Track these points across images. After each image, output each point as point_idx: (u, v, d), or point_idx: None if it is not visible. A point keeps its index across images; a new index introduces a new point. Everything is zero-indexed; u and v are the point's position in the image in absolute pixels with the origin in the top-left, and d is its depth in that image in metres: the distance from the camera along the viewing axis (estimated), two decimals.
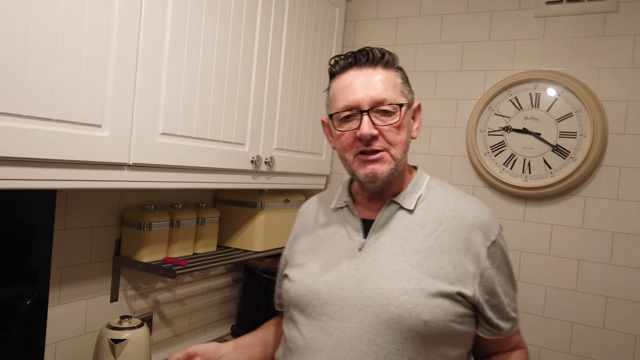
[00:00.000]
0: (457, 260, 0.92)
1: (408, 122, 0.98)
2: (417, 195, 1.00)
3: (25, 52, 0.90)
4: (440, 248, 0.93)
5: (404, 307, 0.88)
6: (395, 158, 0.94)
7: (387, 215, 0.99)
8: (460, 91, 1.95)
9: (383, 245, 0.96)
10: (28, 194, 1.27)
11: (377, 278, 0.92)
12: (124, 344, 1.34)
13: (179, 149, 1.27)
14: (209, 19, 1.32)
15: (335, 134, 1.00)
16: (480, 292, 0.93)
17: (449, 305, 0.90)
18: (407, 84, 1.00)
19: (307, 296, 0.97)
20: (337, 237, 1.02)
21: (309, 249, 1.05)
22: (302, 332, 0.97)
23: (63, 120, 0.98)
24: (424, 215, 0.98)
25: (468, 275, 0.92)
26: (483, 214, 0.98)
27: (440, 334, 0.89)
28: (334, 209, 1.07)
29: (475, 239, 0.94)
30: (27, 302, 1.29)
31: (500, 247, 0.97)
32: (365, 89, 0.93)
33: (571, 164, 1.72)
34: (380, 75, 0.95)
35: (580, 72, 1.75)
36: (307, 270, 1.01)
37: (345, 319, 0.92)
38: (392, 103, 0.93)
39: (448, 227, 0.95)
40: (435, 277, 0.91)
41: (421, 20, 2.03)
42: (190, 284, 1.83)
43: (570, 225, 1.76)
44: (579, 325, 1.73)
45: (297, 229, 1.15)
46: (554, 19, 1.80)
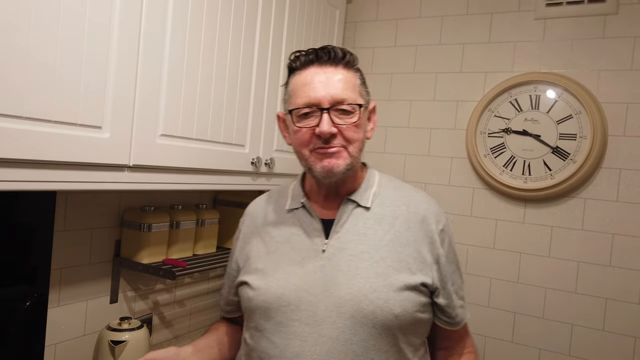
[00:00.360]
0: (416, 252, 0.97)
1: (364, 123, 1.00)
2: (371, 192, 1.03)
3: (25, 54, 0.90)
4: (400, 242, 0.97)
5: (376, 304, 0.90)
6: (352, 155, 0.96)
7: (346, 214, 1.00)
8: (460, 93, 1.95)
9: (346, 244, 0.97)
10: (28, 195, 1.26)
11: (344, 278, 0.93)
12: (123, 346, 1.34)
13: (179, 150, 1.27)
14: (209, 21, 1.32)
15: (292, 129, 0.99)
16: (437, 280, 0.98)
17: (415, 296, 0.94)
18: (365, 85, 1.02)
19: (275, 303, 0.95)
20: (296, 240, 1.00)
21: (267, 252, 1.02)
22: (273, 341, 0.95)
23: (63, 122, 0.98)
24: (380, 211, 1.01)
25: (427, 264, 0.97)
26: (433, 205, 1.05)
27: (408, 324, 0.93)
28: (288, 210, 1.05)
29: (429, 228, 1.00)
30: (27, 303, 1.29)
31: (448, 235, 1.03)
32: (327, 87, 0.94)
33: (571, 166, 1.72)
34: (341, 75, 0.96)
35: (580, 74, 1.75)
36: (271, 276, 0.98)
37: (319, 322, 0.92)
38: (351, 103, 0.94)
39: (404, 221, 0.99)
40: (400, 271, 0.94)
41: (421, 22, 2.03)
42: (190, 285, 1.83)
43: (570, 227, 1.76)
44: (578, 327, 1.73)
45: (246, 230, 1.12)
46: (553, 21, 1.80)
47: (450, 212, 1.95)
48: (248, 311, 1.01)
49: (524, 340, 1.82)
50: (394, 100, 2.08)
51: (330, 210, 1.02)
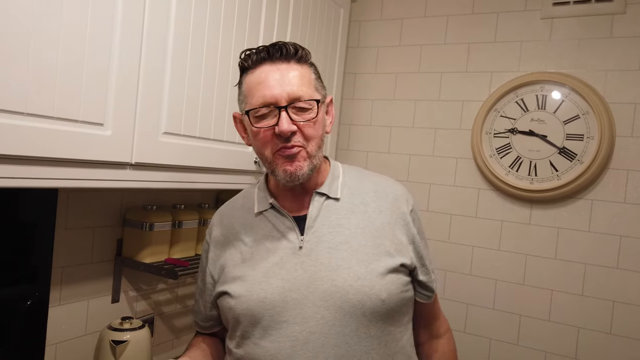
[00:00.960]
0: (391, 234, 0.98)
1: (323, 118, 0.99)
2: (338, 183, 1.03)
3: (26, 50, 0.89)
4: (374, 227, 0.98)
5: (362, 292, 0.91)
6: (311, 155, 0.95)
7: (317, 208, 0.99)
8: (466, 93, 1.94)
9: (322, 237, 0.96)
10: (29, 192, 1.25)
11: (326, 271, 0.93)
12: (124, 346, 1.33)
13: (181, 148, 1.26)
14: (212, 17, 1.31)
15: (251, 130, 0.96)
16: (415, 259, 1.00)
17: (396, 278, 0.95)
18: (320, 79, 1.01)
19: (259, 307, 0.93)
20: (271, 241, 0.98)
21: (242, 259, 0.99)
22: (263, 346, 0.92)
23: (65, 119, 0.97)
24: (350, 199, 1.01)
25: (403, 245, 0.99)
26: (399, 187, 1.07)
27: (395, 306, 0.94)
28: (257, 213, 1.03)
29: (400, 210, 1.01)
30: (28, 302, 1.28)
31: (417, 214, 1.06)
32: (282, 84, 0.92)
33: (578, 167, 1.70)
34: (295, 71, 0.94)
35: (588, 74, 1.73)
36: (250, 281, 0.95)
37: (307, 320, 0.91)
38: (308, 99, 0.93)
39: (375, 207, 1.01)
40: (379, 255, 0.95)
41: (426, 21, 2.02)
42: (191, 285, 1.81)
43: (576, 229, 1.74)
44: (585, 330, 1.71)
45: (216, 241, 1.07)
46: (560, 20, 1.78)
47: (455, 212, 1.94)
48: (232, 320, 0.98)
49: (529, 343, 1.79)
50: (399, 100, 2.07)
51: (300, 207, 1.01)
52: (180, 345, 1.78)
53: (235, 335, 0.98)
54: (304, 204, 1.01)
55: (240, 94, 0.99)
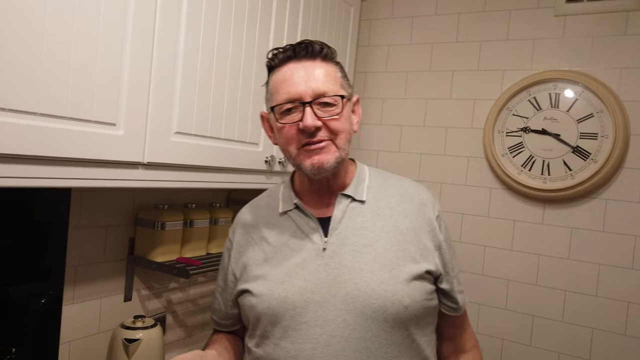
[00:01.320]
0: (417, 239, 0.96)
1: (349, 115, 0.99)
2: (364, 185, 1.02)
3: (39, 50, 0.89)
4: (400, 231, 0.96)
5: (385, 297, 0.89)
6: (339, 147, 0.94)
7: (342, 210, 0.98)
8: (477, 91, 1.92)
9: (346, 240, 0.95)
10: (43, 192, 1.27)
11: (349, 274, 0.92)
12: (137, 344, 1.34)
13: (193, 148, 1.26)
14: (223, 18, 1.31)
15: (276, 127, 0.98)
16: (440, 266, 0.97)
17: (421, 284, 0.93)
18: (346, 78, 1.01)
19: (280, 307, 0.92)
20: (294, 241, 0.98)
21: (265, 258, 0.99)
22: (282, 346, 0.92)
23: (77, 119, 0.98)
24: (376, 203, 1.00)
25: (429, 251, 0.97)
26: (425, 192, 1.05)
27: (419, 313, 0.92)
28: (281, 213, 1.02)
29: (426, 215, 1.00)
30: (42, 300, 1.29)
31: (443, 221, 1.03)
32: (307, 81, 0.93)
33: (592, 166, 1.68)
34: (320, 68, 0.95)
35: (602, 72, 1.71)
36: (272, 280, 0.95)
37: (328, 323, 0.90)
38: (333, 95, 0.93)
39: (401, 211, 0.99)
40: (404, 261, 0.93)
41: (437, 19, 2.00)
42: (203, 284, 1.82)
43: (590, 229, 1.72)
44: (599, 331, 1.69)
45: (239, 240, 1.07)
46: (574, 18, 1.76)
47: (467, 212, 1.92)
48: (253, 319, 0.98)
49: (542, 344, 1.78)
50: (409, 98, 2.06)
51: (324, 208, 1.00)
52: (192, 344, 1.79)
53: (255, 334, 0.98)
54: (329, 206, 1.00)
55: (267, 92, 1.00)
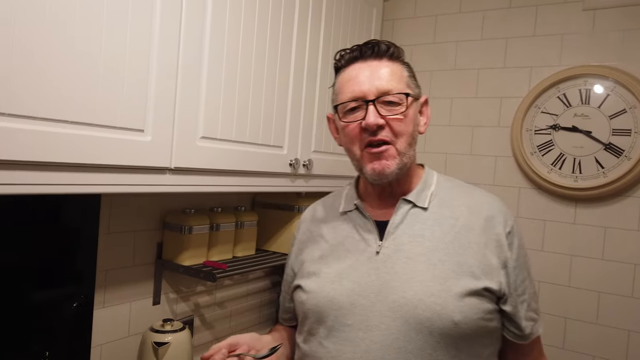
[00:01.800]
0: (480, 254, 0.90)
1: (414, 116, 0.95)
2: (429, 192, 0.98)
3: (68, 60, 0.91)
4: (461, 244, 0.91)
5: (432, 309, 0.85)
6: (400, 152, 0.92)
7: (402, 215, 0.95)
8: (504, 89, 1.88)
9: (401, 246, 0.92)
10: (74, 198, 1.29)
11: (399, 281, 0.89)
12: (166, 347, 1.35)
13: (218, 152, 1.27)
14: (247, 20, 1.32)
15: (340, 126, 0.97)
16: (505, 286, 0.90)
17: (477, 302, 0.87)
18: (414, 78, 0.99)
19: (327, 307, 0.93)
20: (350, 242, 0.97)
21: (320, 256, 1.00)
22: (325, 345, 0.92)
23: (106, 126, 0.99)
24: (439, 211, 0.95)
25: (492, 268, 0.90)
26: (498, 205, 0.97)
27: (472, 333, 0.86)
28: (342, 213, 1.03)
29: (495, 230, 0.93)
30: (74, 304, 1.32)
31: (517, 238, 0.94)
32: (371, 79, 0.92)
33: (625, 163, 1.63)
34: (386, 67, 0.93)
35: (634, 66, 1.65)
36: (323, 279, 0.96)
37: (372, 328, 0.88)
38: (398, 93, 0.91)
39: (465, 223, 0.93)
40: (460, 275, 0.88)
41: (461, 17, 1.97)
42: (229, 287, 1.83)
43: (625, 228, 1.66)
44: (635, 333, 1.63)
45: (301, 237, 1.10)
46: (603, 12, 1.71)
47: None
48: (302, 315, 0.99)
49: (576, 347, 1.73)
50: (434, 98, 2.03)
51: (385, 212, 0.98)
52: None
53: (303, 330, 0.99)
54: (389, 210, 0.97)
55: (333, 93, 1.01)
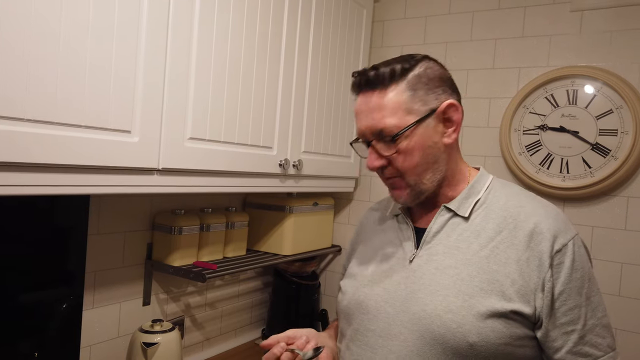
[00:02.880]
0: (517, 273, 0.82)
1: (423, 139, 0.87)
2: (473, 200, 0.91)
3: (55, 61, 0.91)
4: (497, 259, 0.83)
5: (447, 327, 0.81)
6: (410, 184, 0.89)
7: (440, 224, 0.91)
8: (493, 89, 1.90)
9: (434, 256, 0.88)
10: (62, 199, 1.29)
11: (424, 293, 0.85)
12: (155, 348, 1.35)
13: (207, 153, 1.27)
14: (235, 20, 1.32)
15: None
16: (541, 310, 0.81)
17: (502, 326, 0.79)
18: (421, 91, 0.87)
19: (356, 309, 0.93)
20: (389, 247, 0.96)
21: (363, 259, 1.01)
22: (349, 347, 0.93)
23: (94, 127, 0.99)
24: (482, 222, 0.88)
25: (529, 289, 0.81)
26: (550, 218, 0.86)
27: (493, 358, 0.80)
28: (389, 217, 1.02)
29: (539, 247, 0.83)
30: (63, 305, 1.32)
31: (570, 258, 0.82)
32: (366, 119, 0.88)
33: (612, 163, 1.65)
34: (380, 100, 0.86)
35: (621, 67, 1.67)
36: (358, 282, 0.97)
37: (391, 337, 0.86)
38: (390, 133, 0.85)
39: (507, 235, 0.85)
40: (489, 292, 0.81)
41: (451, 18, 1.99)
42: (220, 287, 1.84)
43: (612, 227, 1.68)
44: (623, 331, 1.65)
45: (354, 238, 1.12)
46: (591, 13, 1.73)
47: None
48: (337, 312, 1.02)
49: None
50: None
51: (427, 218, 0.94)
52: (210, 347, 1.80)
53: (339, 328, 1.01)
54: (431, 218, 0.93)
55: None
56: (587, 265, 0.86)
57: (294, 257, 1.80)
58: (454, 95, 0.91)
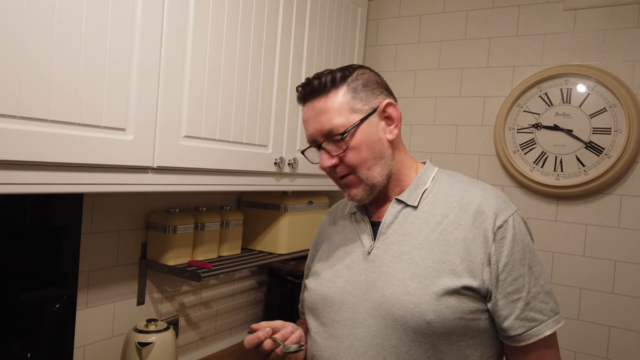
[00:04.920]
0: (465, 251, 0.88)
1: (369, 135, 0.94)
2: (421, 190, 0.98)
3: (49, 57, 0.90)
4: (446, 240, 0.90)
5: (406, 308, 0.86)
6: (363, 179, 0.94)
7: (393, 215, 0.97)
8: (487, 88, 1.90)
9: (390, 245, 0.94)
10: (56, 198, 1.28)
11: (383, 280, 0.91)
12: (150, 347, 1.34)
13: (202, 151, 1.27)
14: (230, 20, 1.32)
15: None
16: (488, 282, 0.87)
17: (456, 302, 0.85)
18: (363, 92, 0.95)
19: (321, 303, 0.98)
20: (350, 243, 1.02)
21: (325, 257, 1.06)
22: (317, 340, 0.98)
23: (88, 125, 0.98)
24: (430, 209, 0.95)
25: (476, 265, 0.87)
26: (490, 198, 0.93)
27: (450, 333, 0.86)
28: (348, 215, 1.07)
29: (482, 225, 0.90)
30: (57, 305, 1.31)
31: (511, 233, 0.89)
32: (314, 123, 0.95)
33: (606, 161, 1.66)
34: (324, 104, 0.94)
35: (614, 66, 1.68)
36: (322, 278, 1.01)
37: (356, 325, 0.91)
38: (338, 132, 0.92)
39: (454, 219, 0.92)
40: (441, 272, 0.87)
41: (446, 17, 1.99)
42: (215, 287, 1.83)
43: (605, 225, 1.69)
44: (616, 329, 1.66)
45: (317, 237, 1.16)
46: (584, 12, 1.74)
47: None
48: (305, 312, 1.05)
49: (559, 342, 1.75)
50: (419, 97, 2.04)
51: (382, 213, 1.00)
52: (205, 346, 1.79)
53: (307, 324, 1.05)
54: (385, 211, 1.00)
55: None
56: (527, 238, 0.92)
57: (289, 256, 1.79)
58: (391, 97, 1.00)
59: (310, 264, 1.14)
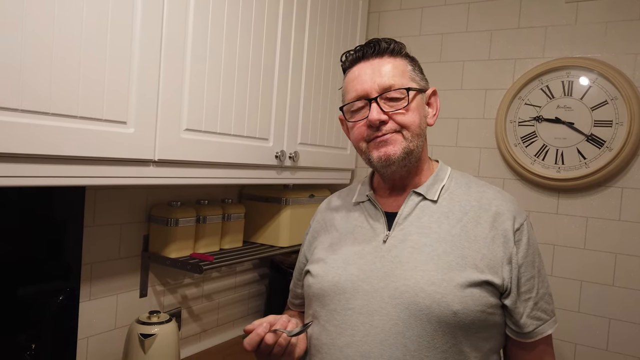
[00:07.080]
0: (485, 248, 0.91)
1: (420, 108, 0.98)
2: (439, 185, 1.00)
3: (50, 51, 0.91)
4: (467, 237, 0.92)
5: (433, 298, 0.86)
6: (407, 139, 0.94)
7: (411, 207, 0.98)
8: (489, 81, 1.90)
9: (408, 236, 0.94)
10: (58, 191, 1.29)
11: (403, 270, 0.91)
12: (153, 339, 1.35)
13: (203, 144, 1.27)
14: (231, 13, 1.32)
15: (349, 126, 1.01)
16: (508, 281, 0.91)
17: (480, 294, 0.88)
18: (419, 71, 1.00)
19: (331, 290, 0.96)
20: (359, 231, 1.01)
21: (331, 244, 1.04)
22: (326, 328, 0.95)
23: (89, 118, 0.99)
24: (449, 205, 0.97)
25: (497, 263, 0.91)
26: (508, 202, 0.98)
27: (471, 324, 0.87)
28: (355, 203, 1.07)
29: (503, 226, 0.94)
30: (60, 297, 1.32)
31: (526, 236, 0.94)
32: (373, 77, 0.95)
33: (607, 154, 1.65)
34: (388, 64, 0.96)
35: (616, 58, 1.67)
36: (330, 264, 0.99)
37: (372, 313, 0.90)
38: (399, 88, 0.94)
39: (473, 217, 0.95)
40: (464, 267, 0.89)
41: (447, 9, 1.98)
42: (217, 279, 1.84)
43: (606, 218, 1.69)
44: (616, 321, 1.67)
45: (315, 226, 1.14)
46: (586, 4, 1.73)
47: None
48: (307, 298, 1.03)
49: (558, 335, 1.76)
50: None
51: (396, 203, 1.01)
52: (207, 338, 1.81)
53: (308, 313, 1.03)
54: (400, 202, 1.00)
55: (342, 94, 1.03)
56: (536, 242, 0.99)
57: (290, 249, 1.80)
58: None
59: (309, 251, 1.11)
